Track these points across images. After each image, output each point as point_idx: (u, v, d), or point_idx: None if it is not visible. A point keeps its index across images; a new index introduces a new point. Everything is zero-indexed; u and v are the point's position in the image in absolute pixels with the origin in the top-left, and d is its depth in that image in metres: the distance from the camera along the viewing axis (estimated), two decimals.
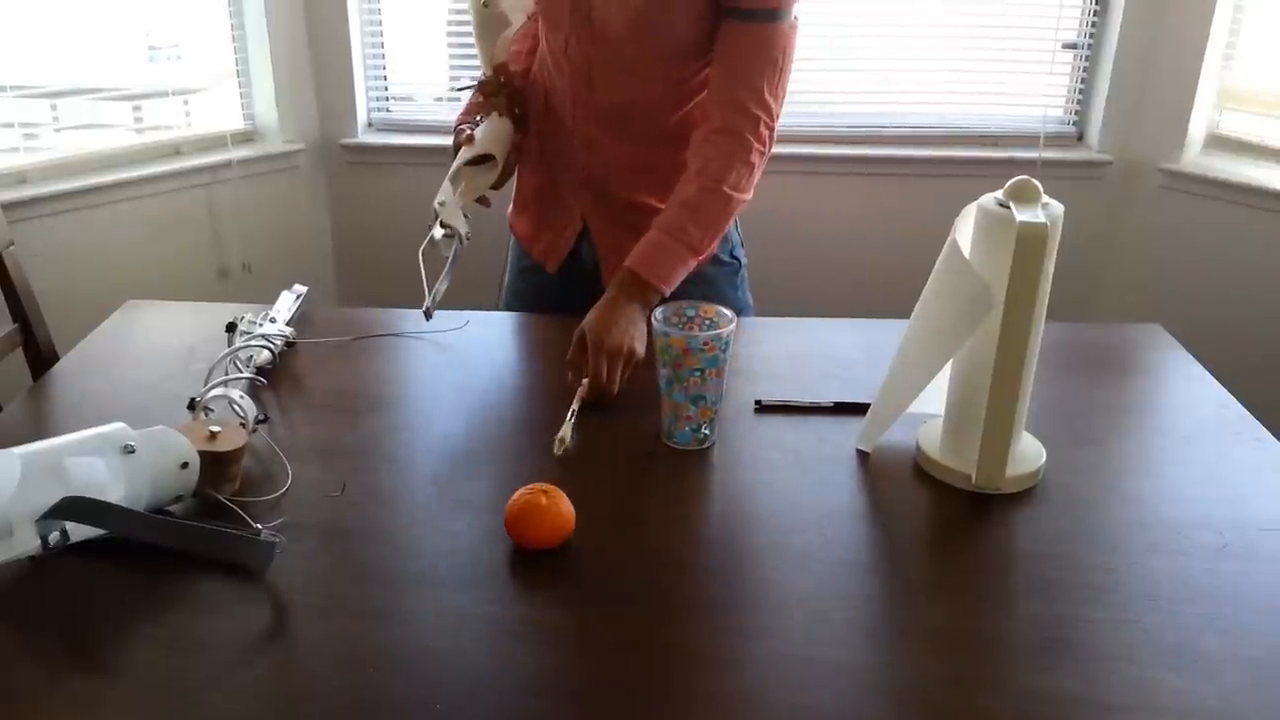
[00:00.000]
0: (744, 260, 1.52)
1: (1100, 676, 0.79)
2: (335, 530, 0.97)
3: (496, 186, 1.38)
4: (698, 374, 1.07)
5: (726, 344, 1.07)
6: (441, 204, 1.26)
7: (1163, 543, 0.96)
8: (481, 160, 1.33)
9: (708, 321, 1.11)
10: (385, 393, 1.25)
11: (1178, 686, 0.78)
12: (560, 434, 1.09)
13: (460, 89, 1.53)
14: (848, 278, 2.81)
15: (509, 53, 1.38)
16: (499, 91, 1.36)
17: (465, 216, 1.29)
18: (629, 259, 1.27)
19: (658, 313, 1.10)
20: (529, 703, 0.76)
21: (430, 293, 1.26)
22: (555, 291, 1.50)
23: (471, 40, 1.39)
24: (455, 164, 1.31)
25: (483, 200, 1.37)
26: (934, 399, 1.08)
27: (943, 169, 2.70)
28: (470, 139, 1.32)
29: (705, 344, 1.05)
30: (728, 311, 1.10)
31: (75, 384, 1.27)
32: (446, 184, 1.29)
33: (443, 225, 1.26)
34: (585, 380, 1.18)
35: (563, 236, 1.47)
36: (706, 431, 1.11)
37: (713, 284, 1.45)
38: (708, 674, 0.79)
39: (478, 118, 1.38)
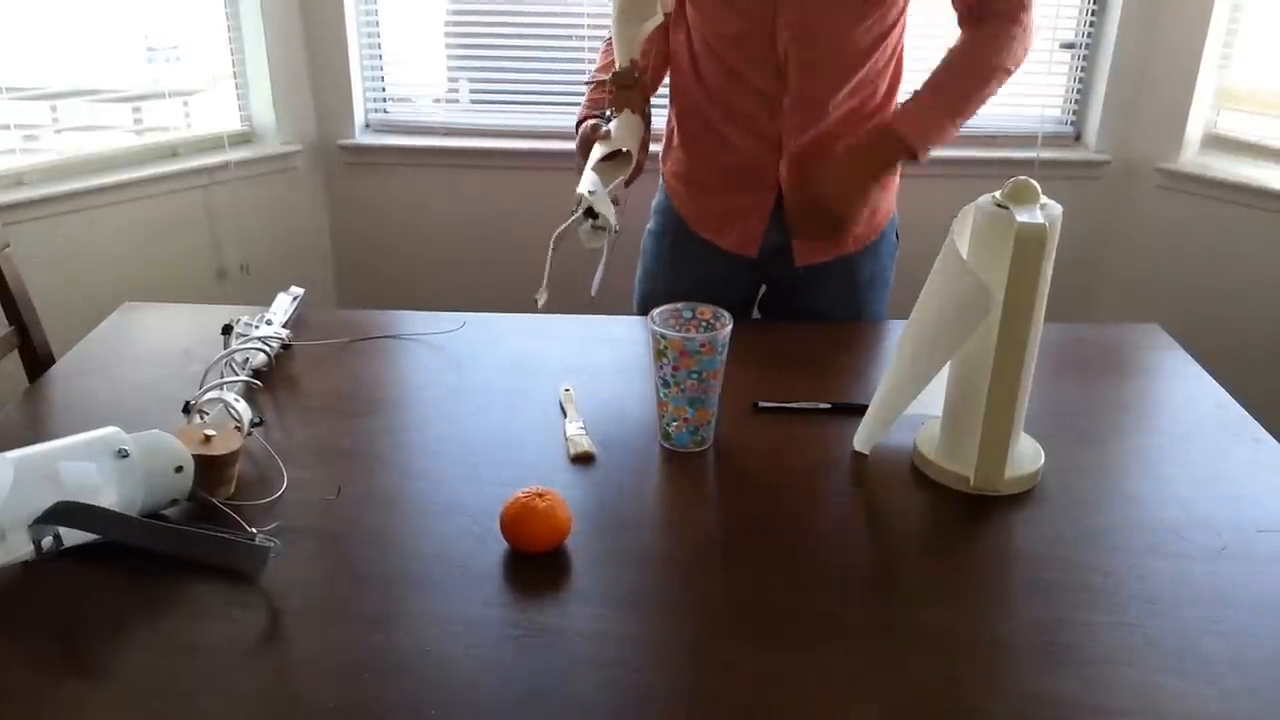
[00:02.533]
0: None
1: (1100, 680, 0.78)
2: (330, 534, 0.96)
3: (627, 184, 1.35)
4: (695, 376, 1.06)
5: (724, 346, 1.07)
6: (591, 192, 1.20)
7: (1162, 544, 0.95)
8: (613, 156, 1.30)
9: (704, 323, 1.11)
10: (381, 395, 1.24)
11: (1179, 690, 0.77)
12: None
13: (589, 81, 1.48)
14: None
15: (641, 49, 1.34)
16: (633, 85, 1.32)
17: (616, 205, 1.25)
18: (881, 119, 1.34)
19: (655, 314, 1.09)
20: (524, 707, 0.76)
21: (545, 280, 1.22)
22: (739, 284, 1.53)
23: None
24: (593, 158, 1.28)
25: (614, 200, 1.33)
26: (932, 400, 1.08)
27: (940, 169, 2.68)
28: (606, 135, 1.30)
29: (702, 346, 1.05)
30: (724, 313, 1.10)
31: (72, 386, 1.27)
32: (590, 174, 1.25)
33: (589, 214, 1.20)
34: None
35: (753, 218, 1.46)
36: (704, 434, 1.11)
37: (886, 268, 1.53)
38: (705, 677, 0.79)
39: (607, 112, 1.35)
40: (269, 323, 1.31)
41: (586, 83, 1.45)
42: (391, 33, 2.78)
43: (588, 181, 1.23)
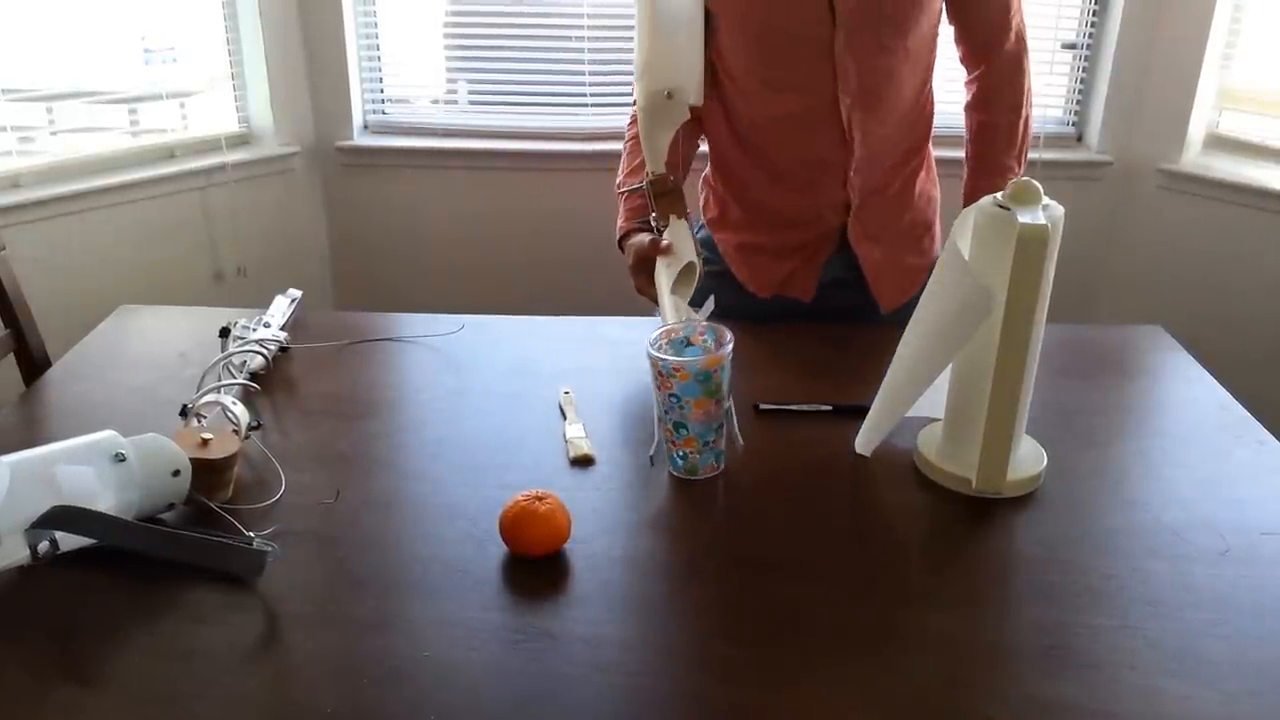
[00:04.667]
0: None
1: (1102, 683, 0.78)
2: (329, 538, 0.96)
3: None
4: (675, 400, 1.02)
5: (704, 376, 1.01)
6: (687, 321, 1.15)
7: (1164, 547, 0.95)
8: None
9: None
10: (380, 398, 1.24)
11: (1181, 693, 0.77)
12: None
13: (627, 190, 1.40)
14: None
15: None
16: (671, 190, 1.28)
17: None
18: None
19: (654, 335, 1.06)
20: (523, 711, 0.75)
21: (657, 435, 1.11)
22: (785, 308, 1.49)
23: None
24: (669, 281, 1.21)
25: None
26: (933, 403, 1.07)
27: (941, 170, 2.69)
28: (667, 249, 1.24)
29: (676, 370, 1.01)
30: (729, 338, 1.04)
31: (68, 389, 1.26)
32: (674, 301, 1.19)
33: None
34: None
35: (811, 267, 1.44)
36: (694, 463, 1.05)
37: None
38: (705, 680, 0.79)
39: (651, 220, 1.30)
40: (267, 325, 1.31)
41: (620, 192, 1.40)
42: (390, 34, 2.78)
43: (671, 310, 1.18)
